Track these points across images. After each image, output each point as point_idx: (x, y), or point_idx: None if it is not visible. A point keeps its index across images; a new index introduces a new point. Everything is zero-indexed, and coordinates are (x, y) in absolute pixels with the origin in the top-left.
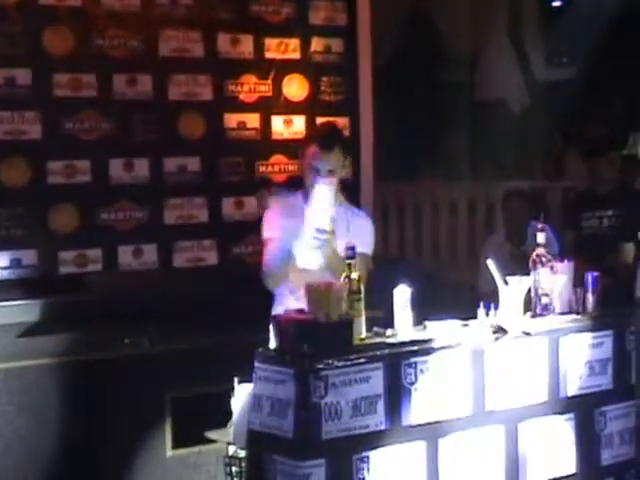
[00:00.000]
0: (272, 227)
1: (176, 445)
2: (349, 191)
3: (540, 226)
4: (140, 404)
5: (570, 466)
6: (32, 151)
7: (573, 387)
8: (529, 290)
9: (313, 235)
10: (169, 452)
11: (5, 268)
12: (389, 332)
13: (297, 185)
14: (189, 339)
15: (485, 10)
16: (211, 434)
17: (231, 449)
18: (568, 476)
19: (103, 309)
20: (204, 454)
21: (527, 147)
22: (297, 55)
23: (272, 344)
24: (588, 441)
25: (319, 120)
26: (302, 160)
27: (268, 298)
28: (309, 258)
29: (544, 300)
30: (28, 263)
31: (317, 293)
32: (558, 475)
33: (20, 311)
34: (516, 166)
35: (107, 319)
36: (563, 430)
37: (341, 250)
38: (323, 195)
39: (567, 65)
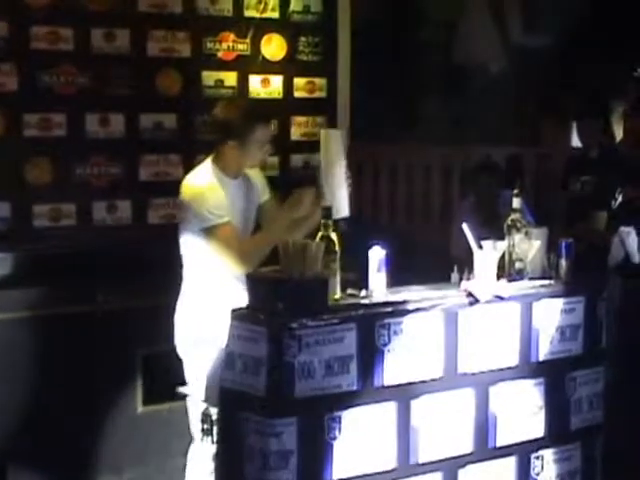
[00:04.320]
0: None
1: (147, 401)
2: None
3: (516, 191)
4: (111, 360)
5: (539, 430)
6: (8, 103)
7: (544, 352)
8: (503, 255)
9: None
10: (140, 408)
11: None
12: (363, 293)
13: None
14: (162, 296)
15: None
16: (183, 389)
17: (202, 406)
18: (537, 439)
19: (76, 264)
20: (175, 410)
21: (503, 112)
22: (276, 14)
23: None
24: (558, 405)
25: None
26: None
27: None
28: None
29: (518, 265)
30: (1, 216)
31: (293, 251)
32: (527, 438)
33: None
34: (491, 131)
35: (79, 274)
36: (533, 394)
37: None
38: None
39: (545, 32)
